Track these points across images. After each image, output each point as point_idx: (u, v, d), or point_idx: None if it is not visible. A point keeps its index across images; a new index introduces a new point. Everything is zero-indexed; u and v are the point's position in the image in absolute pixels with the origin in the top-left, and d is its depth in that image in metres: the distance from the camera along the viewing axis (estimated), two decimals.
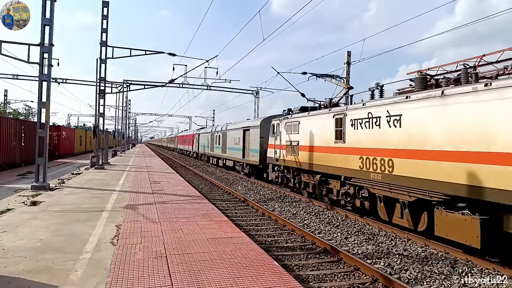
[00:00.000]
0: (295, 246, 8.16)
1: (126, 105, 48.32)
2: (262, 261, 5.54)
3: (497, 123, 6.51)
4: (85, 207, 9.37)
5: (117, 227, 7.32)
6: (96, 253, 5.67)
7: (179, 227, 7.51)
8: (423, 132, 8.15)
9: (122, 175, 17.88)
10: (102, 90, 21.77)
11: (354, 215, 11.09)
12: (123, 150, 48.11)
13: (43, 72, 12.78)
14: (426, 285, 6.04)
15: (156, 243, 6.27)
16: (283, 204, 13.47)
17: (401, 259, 7.26)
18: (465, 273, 6.54)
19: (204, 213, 9.14)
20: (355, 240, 8.71)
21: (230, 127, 27.70)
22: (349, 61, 20.81)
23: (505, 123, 6.37)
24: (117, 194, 11.75)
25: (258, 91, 37.30)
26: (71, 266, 5.04)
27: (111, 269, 4.94)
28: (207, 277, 4.74)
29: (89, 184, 14.23)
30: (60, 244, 6.08)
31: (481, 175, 6.73)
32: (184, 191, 13.20)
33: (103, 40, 21.04)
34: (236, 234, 7.17)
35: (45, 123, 12.82)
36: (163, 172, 21.16)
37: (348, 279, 6.32)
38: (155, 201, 10.52)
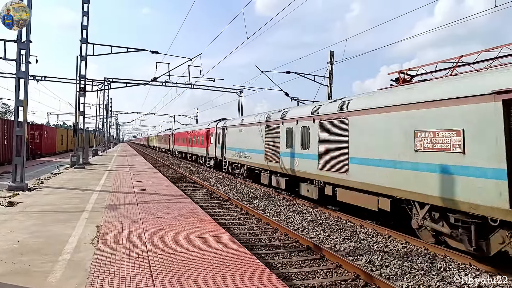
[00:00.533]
0: (278, 245, 8.20)
1: (107, 103, 47.46)
2: (246, 260, 5.54)
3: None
4: (64, 208, 9.16)
5: (97, 228, 7.18)
6: (76, 254, 5.55)
7: (162, 227, 7.43)
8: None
9: (103, 175, 17.56)
10: (83, 88, 21.30)
11: (337, 213, 11.23)
12: (104, 150, 47.26)
13: (20, 69, 12.42)
14: (406, 281, 6.16)
15: (138, 243, 6.19)
16: (267, 202, 13.51)
17: (382, 256, 7.39)
18: (444, 268, 6.71)
19: (188, 212, 9.07)
20: (338, 237, 8.81)
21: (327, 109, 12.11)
22: (332, 61, 21.02)
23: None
24: (97, 194, 11.54)
25: (242, 90, 37.24)
26: (50, 268, 4.92)
27: (91, 270, 4.84)
28: (190, 277, 4.71)
29: (69, 184, 13.92)
30: (38, 245, 5.93)
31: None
32: (167, 190, 13.07)
33: (83, 37, 20.60)
34: (219, 233, 7.15)
35: (23, 121, 12.47)
36: (145, 171, 20.89)
37: (330, 276, 6.39)
38: (137, 201, 10.38)
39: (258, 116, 17.86)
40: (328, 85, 21.19)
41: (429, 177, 7.42)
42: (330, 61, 20.99)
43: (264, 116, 16.83)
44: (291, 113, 14.23)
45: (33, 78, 33.00)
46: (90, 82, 28.70)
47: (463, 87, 6.89)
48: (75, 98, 21.78)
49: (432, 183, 7.35)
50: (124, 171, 20.07)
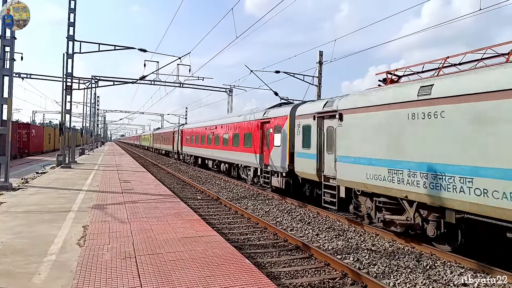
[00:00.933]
0: (267, 244, 8.21)
1: (94, 102, 46.83)
2: (234, 259, 5.53)
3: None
4: (50, 208, 9.01)
5: (84, 228, 7.08)
6: (62, 255, 5.46)
7: (150, 227, 7.37)
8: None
9: (90, 174, 17.32)
10: (69, 86, 20.96)
11: (326, 212, 11.30)
12: (91, 149, 46.62)
13: (4, 66, 12.16)
14: (393, 279, 6.24)
15: (125, 243, 6.12)
16: (256, 202, 13.51)
17: (370, 254, 7.47)
18: (429, 266, 6.82)
19: (176, 212, 9.02)
20: (326, 236, 8.87)
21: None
22: (321, 60, 21.11)
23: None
24: (84, 194, 11.37)
25: (231, 89, 37.19)
26: (34, 269, 4.83)
27: (77, 271, 4.77)
28: (178, 278, 4.68)
29: (55, 184, 13.69)
30: (22, 246, 5.81)
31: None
32: (155, 190, 12.96)
33: (70, 34, 20.26)
34: (208, 233, 7.12)
35: (7, 120, 12.21)
36: (133, 170, 20.68)
37: (319, 274, 6.43)
38: (125, 201, 10.27)
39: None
40: (317, 85, 21.29)
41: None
42: (319, 61, 21.08)
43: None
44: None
45: (18, 75, 32.37)
46: (77, 80, 28.29)
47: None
48: (62, 96, 21.43)
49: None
50: (111, 171, 19.83)
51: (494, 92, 6.30)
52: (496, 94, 6.26)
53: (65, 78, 20.83)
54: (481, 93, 6.50)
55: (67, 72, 20.66)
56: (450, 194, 6.89)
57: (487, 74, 6.64)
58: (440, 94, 7.31)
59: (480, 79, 6.69)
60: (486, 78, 6.58)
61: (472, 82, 6.81)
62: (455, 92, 6.98)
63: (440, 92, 7.32)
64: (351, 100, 10.20)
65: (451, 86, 7.17)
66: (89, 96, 39.78)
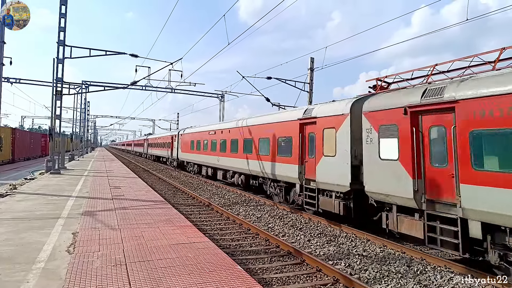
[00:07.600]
0: (259, 250, 8.19)
1: (84, 107, 46.38)
2: (226, 266, 5.51)
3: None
4: (39, 214, 8.87)
5: (73, 235, 6.99)
6: (51, 262, 5.38)
7: (140, 233, 7.30)
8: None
9: (80, 180, 17.11)
10: (59, 91, 20.74)
11: (317, 218, 11.33)
12: (81, 154, 46.08)
13: None
14: (384, 284, 6.28)
15: (115, 250, 6.05)
16: (248, 208, 13.49)
17: (361, 260, 7.50)
18: (420, 271, 6.87)
19: (167, 218, 8.95)
20: (318, 242, 8.89)
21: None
22: (313, 67, 21.30)
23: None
24: (74, 200, 11.22)
25: (223, 94, 37.20)
26: (22, 277, 4.74)
27: (67, 279, 4.70)
28: (169, 285, 4.64)
29: (44, 190, 13.48)
30: (10, 254, 5.71)
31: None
32: (146, 196, 12.86)
33: (60, 39, 20.11)
34: (200, 239, 7.08)
35: None
36: (124, 176, 20.49)
37: (310, 280, 6.44)
38: (115, 207, 10.16)
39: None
40: (309, 91, 21.45)
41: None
42: (310, 68, 21.27)
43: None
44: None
45: (7, 80, 31.93)
46: (67, 85, 28.02)
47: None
48: (51, 102, 21.20)
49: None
50: (101, 177, 19.61)
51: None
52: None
53: (55, 83, 20.64)
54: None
55: (57, 77, 20.47)
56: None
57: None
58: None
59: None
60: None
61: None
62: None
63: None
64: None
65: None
66: (79, 102, 39.44)
